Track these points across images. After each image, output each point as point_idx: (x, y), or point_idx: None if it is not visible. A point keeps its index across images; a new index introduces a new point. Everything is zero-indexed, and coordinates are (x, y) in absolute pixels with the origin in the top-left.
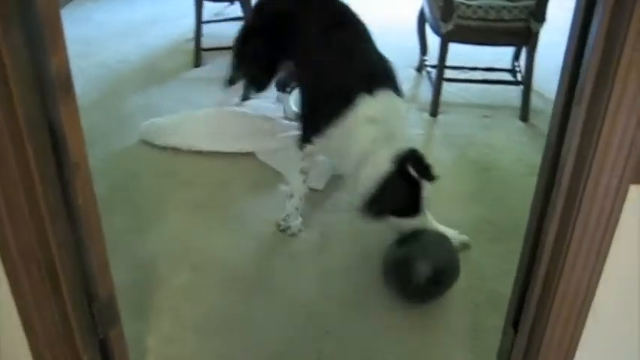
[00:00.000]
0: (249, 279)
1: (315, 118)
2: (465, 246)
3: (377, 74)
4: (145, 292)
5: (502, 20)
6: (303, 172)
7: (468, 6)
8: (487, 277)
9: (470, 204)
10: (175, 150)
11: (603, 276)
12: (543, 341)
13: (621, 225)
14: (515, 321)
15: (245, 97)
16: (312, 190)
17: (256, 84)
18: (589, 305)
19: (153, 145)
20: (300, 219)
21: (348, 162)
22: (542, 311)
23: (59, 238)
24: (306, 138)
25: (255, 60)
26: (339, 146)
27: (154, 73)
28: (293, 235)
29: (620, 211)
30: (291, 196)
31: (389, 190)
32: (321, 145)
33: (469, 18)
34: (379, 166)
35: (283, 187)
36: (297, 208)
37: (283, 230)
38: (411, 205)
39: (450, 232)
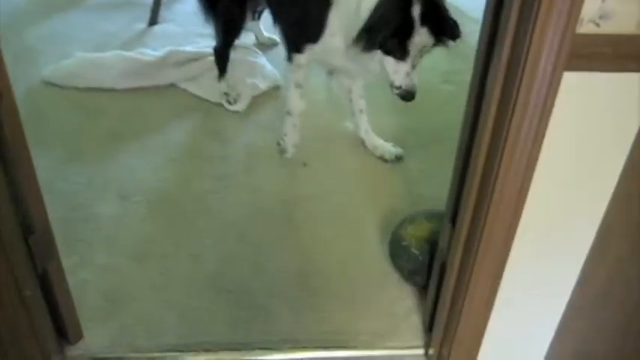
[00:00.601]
0: (179, 204)
1: (300, 21)
2: (399, 158)
3: None
4: (73, 226)
5: None
6: (298, 85)
7: None
8: (412, 181)
9: (389, 113)
10: (84, 89)
11: (539, 162)
12: (484, 231)
13: (555, 112)
14: (453, 216)
15: (152, 22)
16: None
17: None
18: (526, 193)
19: (60, 86)
20: (297, 139)
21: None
22: (482, 202)
23: None
24: (295, 48)
25: None
26: (344, 22)
27: (53, 0)
28: (288, 157)
29: (554, 97)
30: (288, 112)
31: (381, 15)
32: (320, 52)
33: None
34: None
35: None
36: (294, 125)
37: (281, 152)
38: (400, 43)
39: (387, 146)
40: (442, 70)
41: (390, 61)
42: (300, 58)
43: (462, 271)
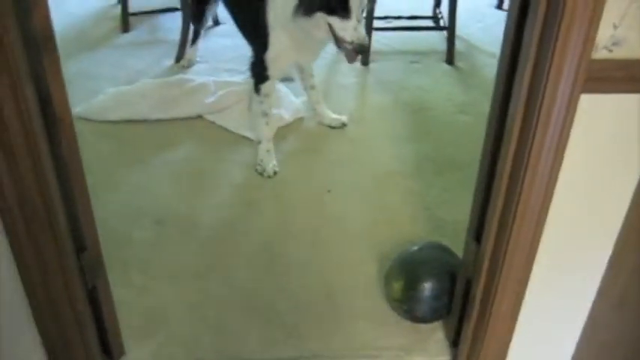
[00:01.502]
0: (210, 228)
1: (253, 35)
2: (344, 125)
3: None
4: (110, 249)
5: None
6: (264, 114)
7: None
8: (432, 206)
9: (409, 142)
10: (117, 121)
11: (559, 180)
12: (509, 247)
13: (573, 131)
14: (477, 234)
15: (178, 58)
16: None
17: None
18: (548, 209)
19: (93, 120)
20: (274, 161)
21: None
22: (507, 219)
23: (53, 190)
24: (259, 73)
25: None
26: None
27: (83, 41)
28: (269, 176)
29: (572, 118)
30: (259, 142)
31: None
32: (275, 58)
33: None
34: None
35: (248, 134)
36: (268, 151)
37: (260, 173)
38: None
39: (334, 116)
40: (458, 101)
41: (335, 21)
42: (266, 87)
43: (488, 286)
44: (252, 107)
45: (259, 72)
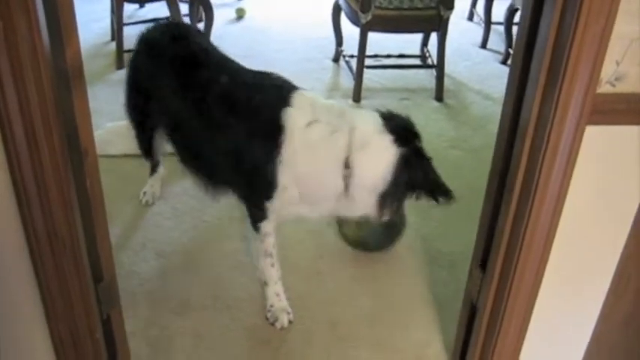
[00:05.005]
0: (213, 261)
1: (252, 182)
2: None
3: (276, 83)
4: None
5: (416, 9)
6: (268, 254)
7: None
8: (429, 238)
9: None
10: (117, 156)
11: (565, 206)
12: (516, 273)
13: (579, 161)
14: (482, 262)
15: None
16: None
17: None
18: (553, 237)
19: None
20: (287, 309)
21: (328, 186)
22: (514, 247)
23: (78, 221)
24: (257, 214)
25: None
26: (304, 182)
27: None
28: (283, 327)
29: (578, 148)
30: (266, 283)
31: (410, 170)
32: (279, 208)
33: (386, 8)
34: (382, 154)
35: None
36: (277, 294)
37: (272, 323)
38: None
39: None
40: (449, 136)
41: None
42: (266, 226)
43: (494, 312)
44: (253, 245)
45: (257, 213)
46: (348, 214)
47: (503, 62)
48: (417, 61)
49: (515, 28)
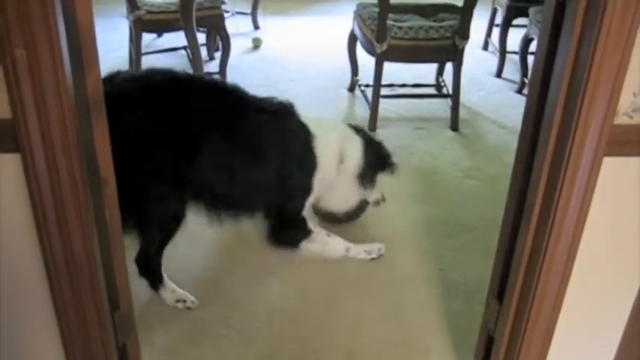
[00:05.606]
0: (228, 290)
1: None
2: None
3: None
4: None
5: (431, 39)
6: (325, 242)
7: (400, 27)
8: (445, 268)
9: (420, 205)
10: None
11: (583, 238)
12: (533, 304)
13: (596, 191)
14: (499, 293)
15: None
16: None
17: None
18: (572, 267)
19: None
20: (374, 246)
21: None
22: (531, 279)
23: (96, 250)
24: (295, 235)
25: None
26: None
27: None
28: (382, 254)
29: (596, 179)
30: (347, 249)
31: (373, 155)
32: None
33: (401, 38)
34: (357, 146)
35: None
36: (347, 249)
37: (375, 258)
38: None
39: None
40: (464, 166)
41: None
42: (309, 239)
43: (512, 343)
44: (308, 250)
45: (295, 234)
46: (333, 206)
47: (519, 91)
48: (433, 91)
49: (530, 58)
